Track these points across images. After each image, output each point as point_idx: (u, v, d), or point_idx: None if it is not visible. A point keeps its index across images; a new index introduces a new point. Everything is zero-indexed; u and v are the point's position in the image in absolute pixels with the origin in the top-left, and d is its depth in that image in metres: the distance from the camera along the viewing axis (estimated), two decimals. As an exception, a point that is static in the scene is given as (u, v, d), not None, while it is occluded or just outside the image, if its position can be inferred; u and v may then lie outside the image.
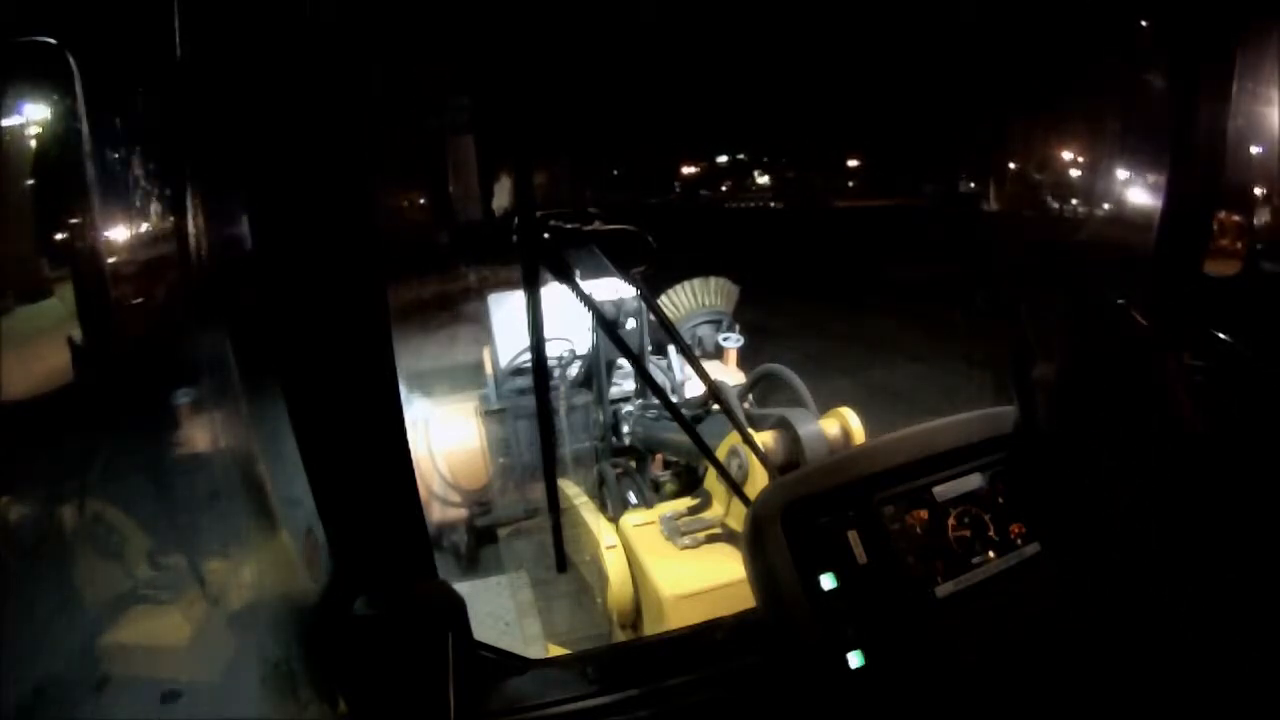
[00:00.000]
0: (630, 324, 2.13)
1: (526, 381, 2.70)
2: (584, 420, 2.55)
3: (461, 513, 2.79)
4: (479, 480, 2.75)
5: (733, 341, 2.98)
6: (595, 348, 2.35)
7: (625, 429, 2.37)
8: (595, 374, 2.38)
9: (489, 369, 3.07)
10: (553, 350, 2.47)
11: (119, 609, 0.63)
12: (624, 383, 2.52)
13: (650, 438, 2.25)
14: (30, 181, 0.63)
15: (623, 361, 2.38)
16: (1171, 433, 0.92)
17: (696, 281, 2.78)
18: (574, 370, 2.56)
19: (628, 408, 2.36)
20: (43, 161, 0.63)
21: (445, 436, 2.73)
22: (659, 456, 2.38)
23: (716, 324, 2.75)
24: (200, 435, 0.75)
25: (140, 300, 0.70)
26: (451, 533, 2.81)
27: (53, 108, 0.62)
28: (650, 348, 2.35)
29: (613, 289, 2.03)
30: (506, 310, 2.98)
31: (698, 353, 2.85)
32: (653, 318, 2.23)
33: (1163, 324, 0.94)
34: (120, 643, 0.63)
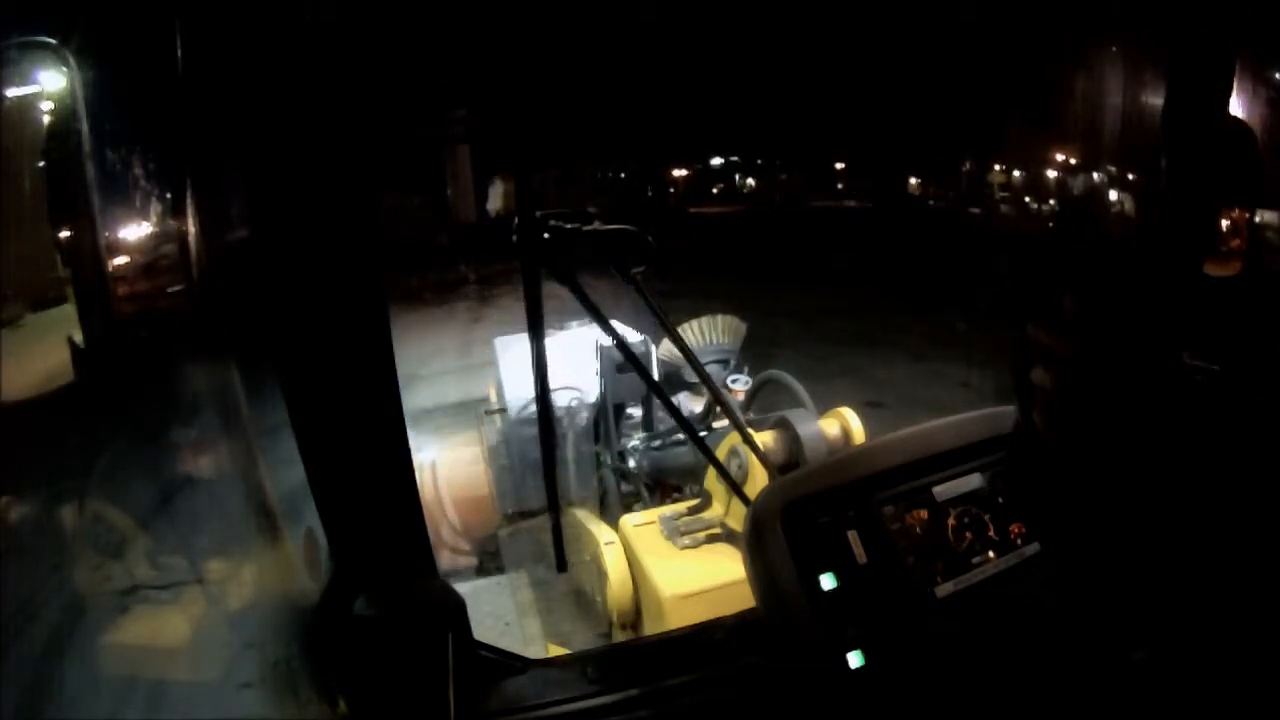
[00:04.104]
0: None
1: (535, 431, 2.64)
2: (590, 470, 2.51)
3: (471, 560, 2.78)
4: (488, 527, 2.73)
5: (741, 383, 2.93)
6: (600, 360, 2.32)
7: (631, 463, 2.34)
8: (603, 408, 2.31)
9: (497, 418, 2.98)
10: (561, 400, 2.43)
11: (119, 609, 0.63)
12: (632, 435, 2.49)
13: (657, 468, 2.23)
14: (31, 182, 0.63)
15: (631, 411, 2.36)
16: (1173, 434, 0.92)
17: (704, 320, 2.74)
18: (583, 418, 2.51)
19: (633, 442, 2.33)
20: (42, 161, 0.63)
21: (453, 482, 2.73)
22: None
23: (724, 363, 2.71)
24: (200, 435, 0.75)
25: (141, 300, 0.70)
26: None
27: (53, 108, 0.62)
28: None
29: (620, 330, 2.06)
30: (515, 355, 2.79)
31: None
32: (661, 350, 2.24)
33: (1162, 324, 0.94)
34: (120, 643, 0.63)
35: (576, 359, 2.35)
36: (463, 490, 2.72)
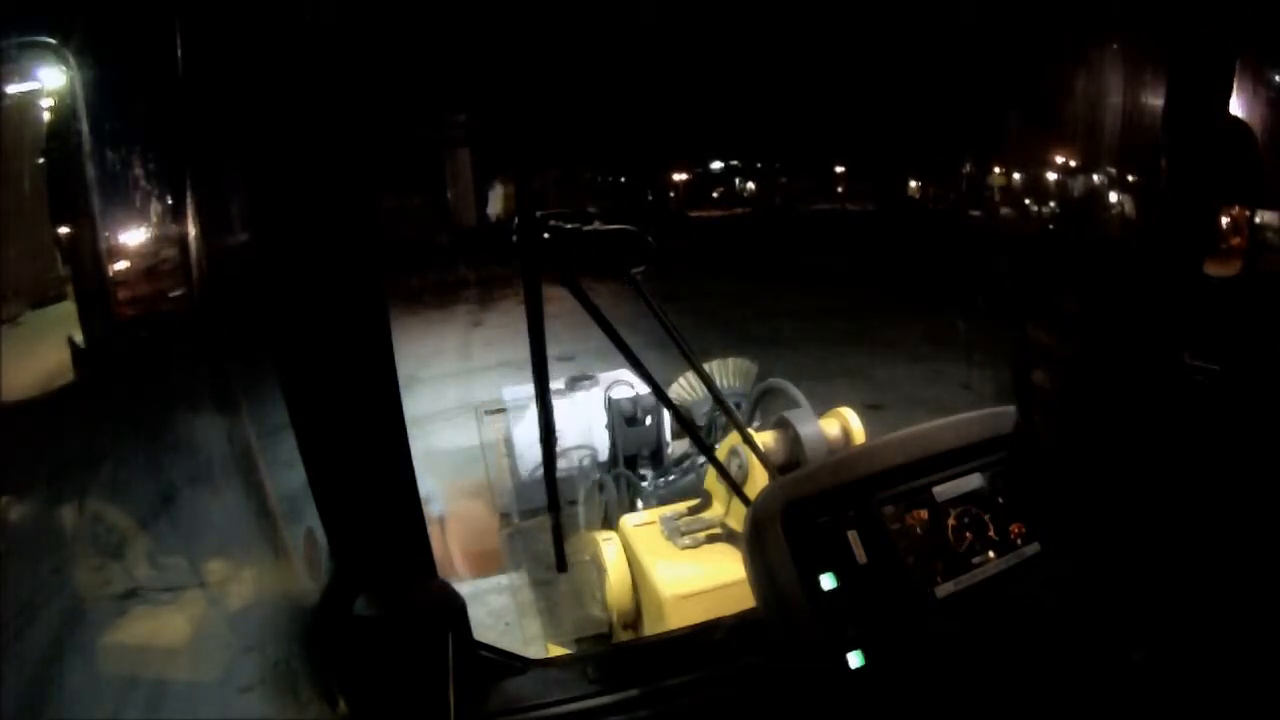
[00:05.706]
0: (648, 420, 2.21)
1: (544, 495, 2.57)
2: (598, 523, 2.51)
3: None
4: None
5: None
6: (609, 413, 2.32)
7: (641, 503, 2.35)
8: (613, 460, 2.32)
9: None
10: (573, 459, 2.43)
11: (119, 609, 0.63)
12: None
13: (665, 503, 2.23)
14: (31, 181, 0.63)
15: (644, 473, 2.37)
16: (1173, 434, 0.92)
17: (715, 363, 2.72)
18: (594, 476, 2.51)
19: (643, 484, 2.34)
20: (42, 161, 0.63)
21: (463, 537, 2.74)
22: None
23: (734, 406, 2.69)
24: (200, 435, 0.75)
25: (142, 304, 0.70)
26: None
27: (53, 108, 0.62)
28: (669, 444, 2.36)
29: (629, 386, 2.18)
30: (526, 415, 2.67)
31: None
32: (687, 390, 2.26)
33: (1162, 324, 0.94)
34: (120, 643, 0.63)
35: (587, 418, 2.40)
36: (473, 545, 2.74)
